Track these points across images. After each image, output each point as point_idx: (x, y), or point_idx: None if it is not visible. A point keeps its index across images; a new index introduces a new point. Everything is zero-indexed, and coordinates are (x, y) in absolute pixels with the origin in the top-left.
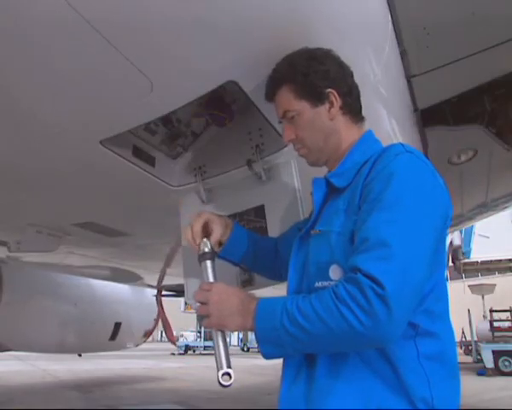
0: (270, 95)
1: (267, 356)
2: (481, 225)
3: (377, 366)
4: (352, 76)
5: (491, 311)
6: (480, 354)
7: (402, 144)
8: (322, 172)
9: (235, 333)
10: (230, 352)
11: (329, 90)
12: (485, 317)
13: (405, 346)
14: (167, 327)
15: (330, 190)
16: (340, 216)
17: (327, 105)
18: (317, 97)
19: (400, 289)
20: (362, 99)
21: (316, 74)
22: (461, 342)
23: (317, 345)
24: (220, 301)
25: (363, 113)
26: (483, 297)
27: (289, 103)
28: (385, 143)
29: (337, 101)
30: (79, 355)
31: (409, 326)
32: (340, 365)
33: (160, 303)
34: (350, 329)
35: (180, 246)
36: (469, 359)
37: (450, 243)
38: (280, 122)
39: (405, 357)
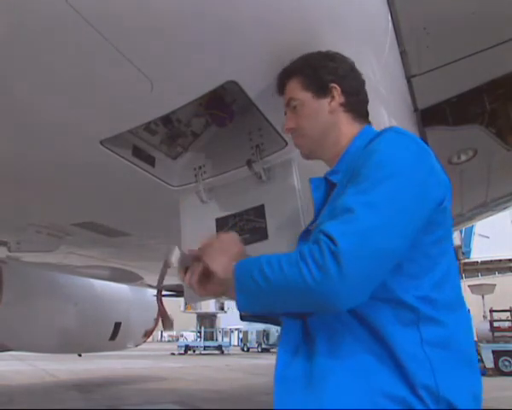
0: (280, 85)
1: (239, 306)
2: (481, 225)
3: (376, 350)
4: (363, 85)
5: (491, 311)
6: (479, 354)
7: (393, 128)
8: (322, 171)
9: (236, 333)
10: (231, 352)
11: (333, 84)
12: (485, 317)
13: (406, 332)
14: (165, 317)
15: (330, 188)
16: None
17: (329, 98)
18: (320, 89)
19: (355, 249)
20: None
21: (324, 69)
22: None
23: (275, 296)
24: (220, 244)
25: None
26: (483, 297)
27: (295, 92)
28: None
29: (339, 96)
30: (79, 355)
31: (407, 311)
32: (339, 344)
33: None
34: (302, 281)
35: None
36: None
37: None
38: (285, 114)
39: (406, 342)
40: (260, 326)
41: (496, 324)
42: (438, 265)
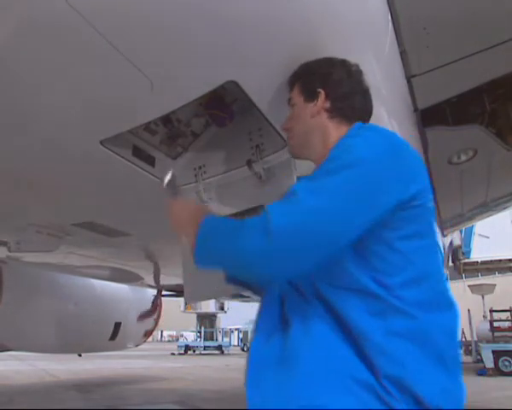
0: (291, 87)
1: (196, 258)
2: (481, 225)
3: (344, 337)
4: (359, 91)
5: (491, 311)
6: (480, 354)
7: (370, 126)
8: None
9: (236, 333)
10: (231, 352)
11: (319, 90)
12: (485, 317)
13: (373, 321)
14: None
15: None
16: None
17: (314, 102)
18: (310, 94)
19: (286, 227)
20: None
21: (316, 75)
22: (461, 342)
23: (223, 254)
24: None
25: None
26: (483, 297)
27: (294, 94)
28: None
29: (323, 102)
30: (79, 355)
31: (375, 301)
32: (312, 329)
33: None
34: (236, 243)
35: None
36: (469, 359)
37: (451, 243)
38: None
39: (371, 332)
40: None
41: (496, 324)
42: (412, 263)
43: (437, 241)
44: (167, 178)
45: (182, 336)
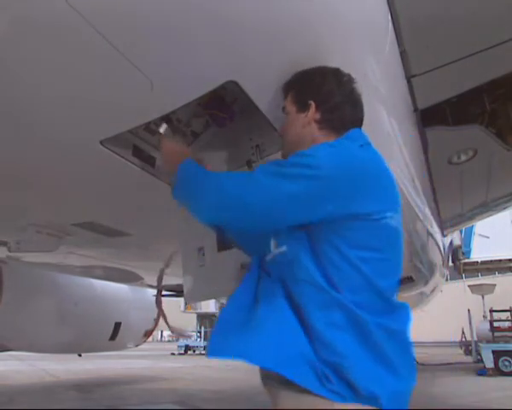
0: (285, 94)
1: (172, 193)
2: (481, 225)
3: (299, 319)
4: (352, 103)
5: (491, 311)
6: (480, 354)
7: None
8: None
9: None
10: None
11: (311, 101)
12: (485, 317)
13: (320, 312)
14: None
15: None
16: None
17: (306, 114)
18: (302, 105)
19: (231, 194)
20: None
21: (308, 86)
22: (461, 342)
23: (185, 194)
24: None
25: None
26: (483, 297)
27: (287, 103)
28: (385, 143)
29: (313, 113)
30: (79, 355)
31: (324, 294)
32: (276, 308)
33: (159, 303)
34: (197, 192)
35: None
36: (469, 359)
37: (451, 242)
38: None
39: (314, 319)
40: None
41: (496, 324)
42: (359, 271)
43: (398, 259)
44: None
45: None
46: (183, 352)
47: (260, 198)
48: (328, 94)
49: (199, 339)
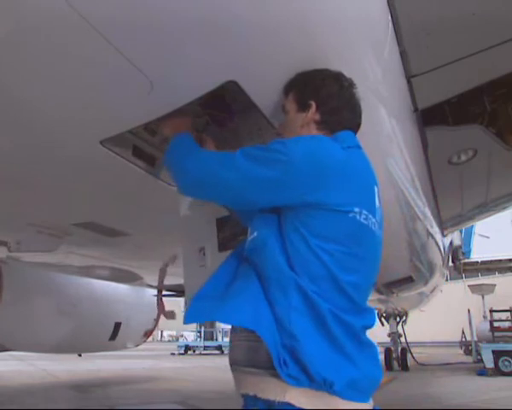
0: (285, 94)
1: (164, 159)
2: (481, 225)
3: (268, 303)
4: (351, 107)
5: (491, 311)
6: (480, 354)
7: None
8: None
9: None
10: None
11: (311, 102)
12: (485, 317)
13: (278, 294)
14: (165, 312)
15: None
16: None
17: (306, 113)
18: (302, 105)
19: (204, 167)
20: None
21: (309, 87)
22: (461, 342)
23: (173, 163)
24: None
25: (363, 113)
26: (483, 297)
27: (287, 101)
28: (385, 143)
29: (313, 114)
30: (79, 355)
31: (284, 277)
32: (249, 287)
33: (160, 301)
34: (183, 163)
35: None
36: (469, 359)
37: (451, 242)
38: None
39: (276, 302)
40: None
41: (496, 324)
42: (320, 260)
43: (367, 257)
44: None
45: (182, 336)
46: (183, 352)
47: (233, 177)
48: (328, 97)
49: (199, 339)
